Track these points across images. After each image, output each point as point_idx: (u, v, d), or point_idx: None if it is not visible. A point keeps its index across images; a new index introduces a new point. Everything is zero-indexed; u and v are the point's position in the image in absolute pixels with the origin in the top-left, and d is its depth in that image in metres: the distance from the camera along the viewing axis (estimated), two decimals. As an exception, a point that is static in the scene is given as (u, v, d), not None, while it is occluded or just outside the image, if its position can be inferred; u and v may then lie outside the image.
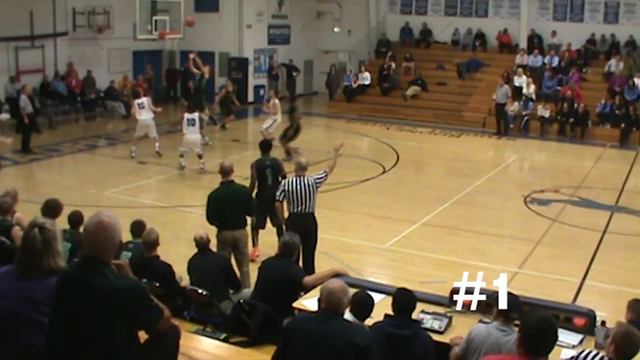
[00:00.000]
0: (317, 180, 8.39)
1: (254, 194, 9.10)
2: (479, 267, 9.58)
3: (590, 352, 4.16)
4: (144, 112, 15.63)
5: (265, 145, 10.10)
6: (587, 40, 23.80)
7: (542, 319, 3.59)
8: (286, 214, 8.39)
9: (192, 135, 14.48)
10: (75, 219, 7.26)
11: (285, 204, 8.41)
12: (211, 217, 8.17)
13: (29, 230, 3.60)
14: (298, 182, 8.27)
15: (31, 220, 3.69)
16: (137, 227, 7.30)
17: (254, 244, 9.50)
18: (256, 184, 9.42)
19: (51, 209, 7.09)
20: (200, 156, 14.57)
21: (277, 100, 16.78)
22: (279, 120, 16.42)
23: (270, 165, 9.59)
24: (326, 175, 8.55)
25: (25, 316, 3.53)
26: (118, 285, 3.36)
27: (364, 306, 5.00)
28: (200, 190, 12.15)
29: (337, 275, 6.17)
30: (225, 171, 8.31)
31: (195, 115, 14.61)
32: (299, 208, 8.22)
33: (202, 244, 7.09)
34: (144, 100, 15.79)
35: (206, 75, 17.41)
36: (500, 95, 20.58)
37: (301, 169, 8.45)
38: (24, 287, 3.55)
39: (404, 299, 4.95)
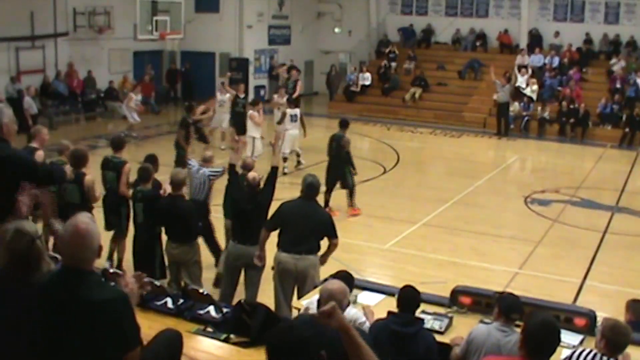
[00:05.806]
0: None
1: None
2: (480, 268, 9.66)
3: (583, 350, 4.16)
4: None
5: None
6: (587, 41, 23.80)
7: (545, 322, 3.60)
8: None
9: (294, 130, 14.72)
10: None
11: None
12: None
13: (13, 236, 3.51)
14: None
15: (15, 227, 3.59)
16: (147, 169, 7.79)
17: None
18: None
19: (78, 158, 7.14)
20: (298, 155, 15.19)
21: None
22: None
23: None
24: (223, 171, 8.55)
25: (7, 322, 3.43)
26: (104, 298, 3.22)
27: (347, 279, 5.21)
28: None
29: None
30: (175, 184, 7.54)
31: (297, 110, 14.89)
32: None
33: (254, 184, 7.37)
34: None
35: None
36: (502, 95, 20.57)
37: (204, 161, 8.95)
38: (7, 292, 3.47)
39: (408, 296, 4.98)
